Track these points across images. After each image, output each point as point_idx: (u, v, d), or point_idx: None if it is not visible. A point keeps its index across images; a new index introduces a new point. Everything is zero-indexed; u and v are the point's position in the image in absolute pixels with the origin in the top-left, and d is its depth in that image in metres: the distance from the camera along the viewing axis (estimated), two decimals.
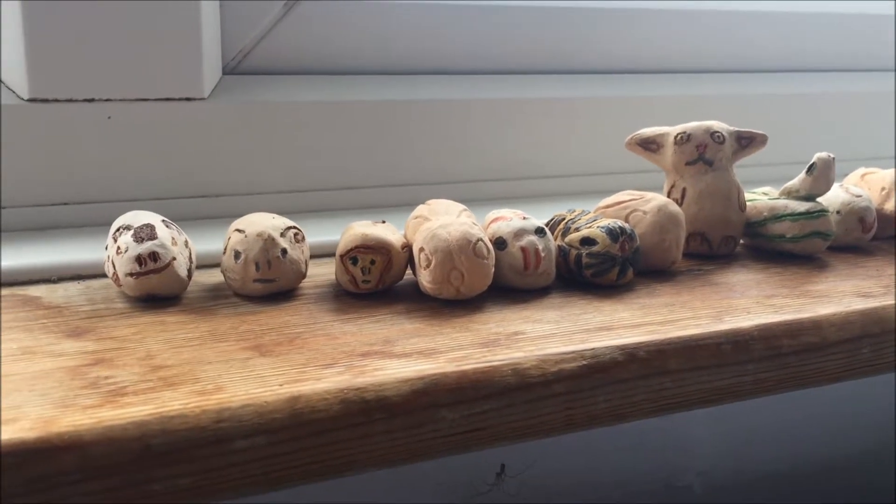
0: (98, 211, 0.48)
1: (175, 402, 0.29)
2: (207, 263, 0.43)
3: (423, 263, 0.39)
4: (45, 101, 0.46)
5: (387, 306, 0.39)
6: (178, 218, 0.43)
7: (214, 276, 0.43)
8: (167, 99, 0.49)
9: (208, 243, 0.44)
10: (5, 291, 0.40)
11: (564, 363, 0.33)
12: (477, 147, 0.56)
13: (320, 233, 0.47)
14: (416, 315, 0.38)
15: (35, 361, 0.32)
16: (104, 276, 0.41)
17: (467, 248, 0.38)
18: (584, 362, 0.33)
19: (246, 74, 0.53)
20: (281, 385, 0.30)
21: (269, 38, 0.53)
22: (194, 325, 0.36)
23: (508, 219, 0.42)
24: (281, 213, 0.46)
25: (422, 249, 0.39)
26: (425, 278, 0.39)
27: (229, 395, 0.29)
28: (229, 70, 0.52)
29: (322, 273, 0.43)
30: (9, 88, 0.46)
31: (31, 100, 0.46)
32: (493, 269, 0.39)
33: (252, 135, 0.51)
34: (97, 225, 0.48)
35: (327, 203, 0.53)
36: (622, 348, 0.34)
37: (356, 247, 0.39)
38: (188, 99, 0.49)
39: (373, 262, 0.40)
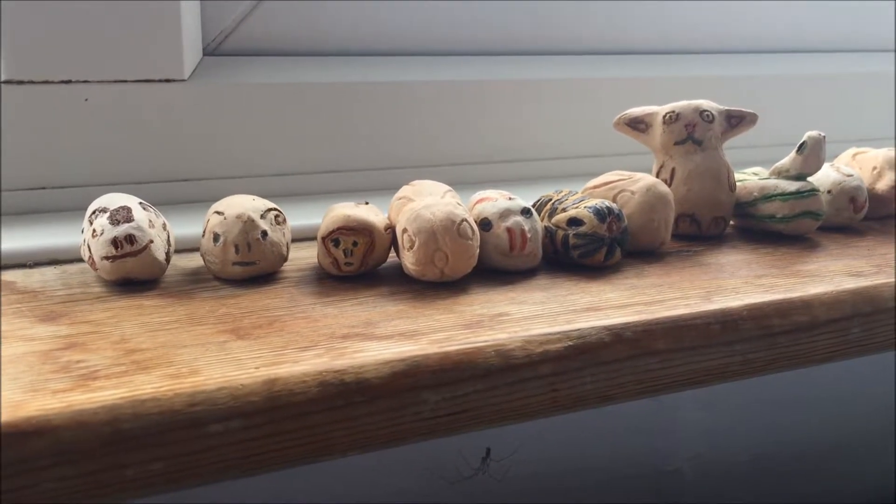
0: (76, 195, 0.47)
1: (148, 386, 0.28)
2: (187, 248, 0.42)
3: (407, 244, 0.38)
4: (21, 82, 0.45)
5: (369, 289, 0.38)
6: (157, 202, 0.42)
7: (194, 261, 0.42)
8: (146, 80, 0.48)
9: (188, 227, 0.43)
10: None
11: (549, 344, 0.32)
12: (462, 129, 0.56)
13: (302, 216, 0.46)
14: (399, 297, 0.37)
15: (6, 346, 0.31)
16: (81, 260, 0.41)
17: (451, 228, 0.38)
18: (570, 343, 0.32)
19: (227, 56, 0.52)
20: (258, 368, 0.29)
21: (250, 19, 0.52)
22: (171, 308, 0.35)
23: (494, 199, 0.41)
24: (262, 196, 0.46)
25: (405, 230, 0.38)
26: (409, 260, 0.38)
27: (204, 378, 0.28)
28: (210, 51, 0.51)
29: (303, 257, 0.42)
30: None
31: (6, 81, 0.45)
32: (477, 251, 0.39)
33: (233, 117, 0.50)
34: (75, 210, 0.47)
35: (309, 186, 0.52)
36: (609, 329, 0.33)
37: (338, 228, 0.39)
38: (168, 80, 0.48)
39: (355, 244, 0.39)
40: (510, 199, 0.41)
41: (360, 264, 0.39)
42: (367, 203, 0.41)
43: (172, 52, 0.48)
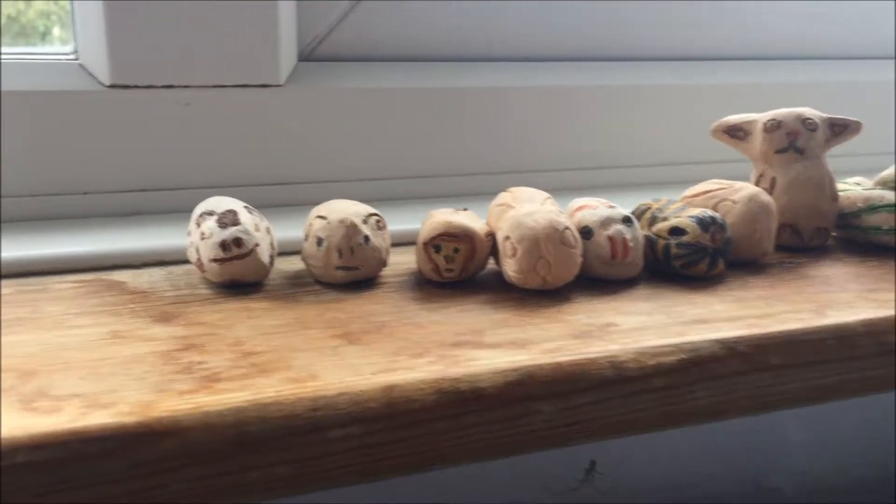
0: (177, 197, 0.48)
1: (270, 390, 0.28)
2: (286, 251, 0.43)
3: (509, 252, 0.38)
4: (126, 87, 0.46)
5: (471, 296, 0.38)
6: (255, 204, 0.43)
7: (294, 264, 0.42)
8: (244, 85, 0.48)
9: (286, 230, 0.43)
10: (89, 276, 0.40)
11: (662, 356, 0.32)
12: (557, 135, 0.55)
13: (398, 220, 0.46)
14: (502, 305, 0.37)
15: (126, 345, 0.32)
16: (186, 262, 0.41)
17: (554, 236, 0.37)
18: (683, 356, 0.32)
19: (321, 61, 0.52)
20: (374, 374, 0.29)
21: (344, 24, 0.52)
22: (279, 312, 0.36)
23: (594, 207, 0.41)
24: (358, 200, 0.46)
25: (507, 238, 0.38)
26: (511, 267, 0.38)
27: (323, 383, 0.29)
28: (304, 56, 0.52)
29: (401, 262, 0.43)
30: (90, 74, 0.46)
31: (111, 86, 0.46)
32: (580, 259, 0.38)
33: (328, 121, 0.50)
34: (176, 211, 0.48)
35: (404, 191, 0.52)
36: (721, 342, 0.33)
37: (439, 234, 0.39)
38: (264, 85, 0.49)
39: (456, 251, 0.39)
40: (611, 207, 0.41)
41: (460, 271, 0.39)
42: (465, 209, 0.42)
43: (269, 57, 0.48)
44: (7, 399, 0.27)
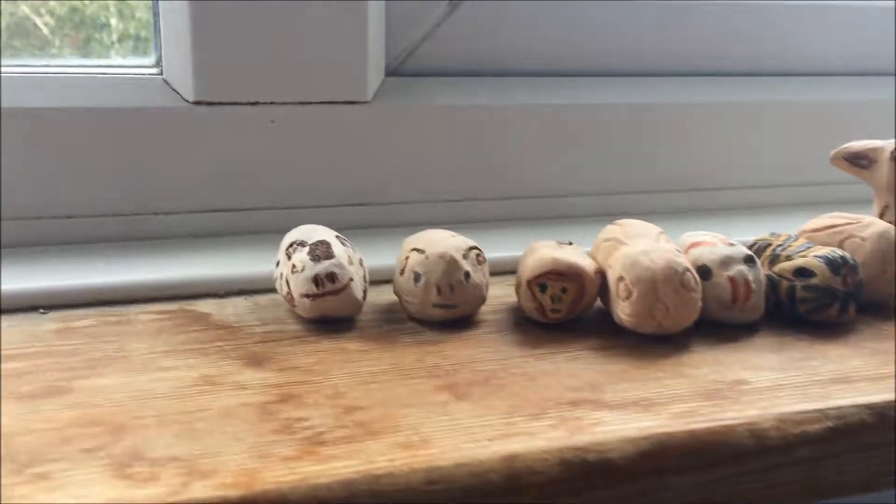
0: (260, 219, 0.46)
1: (381, 458, 0.26)
2: (374, 279, 0.40)
3: (623, 294, 0.35)
4: (210, 103, 0.44)
5: (579, 340, 0.35)
6: (340, 227, 0.40)
7: (383, 295, 0.40)
8: (330, 102, 0.46)
9: (375, 257, 0.41)
10: (172, 306, 0.38)
11: (807, 424, 0.29)
12: (658, 155, 0.52)
13: (493, 248, 0.43)
14: (615, 353, 0.34)
15: (220, 395, 0.30)
16: (271, 290, 0.39)
17: (674, 278, 0.34)
18: (829, 424, 0.29)
19: (409, 76, 0.50)
20: (491, 440, 0.27)
21: (433, 38, 0.50)
22: (376, 355, 0.34)
23: (712, 244, 0.38)
24: (447, 224, 0.44)
25: (621, 278, 0.35)
26: (624, 310, 0.35)
27: (438, 451, 0.26)
28: (392, 71, 0.49)
29: (497, 295, 0.40)
30: (173, 90, 0.45)
31: (195, 102, 0.44)
32: (700, 303, 0.35)
33: (417, 140, 0.48)
34: (259, 233, 0.46)
35: (498, 214, 0.49)
36: (870, 407, 0.30)
37: (546, 272, 0.36)
38: (351, 102, 0.46)
39: (564, 290, 0.36)
40: (731, 244, 0.38)
41: (567, 312, 0.36)
42: (570, 243, 0.39)
43: (356, 73, 0.46)
44: (100, 462, 0.25)
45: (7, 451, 0.26)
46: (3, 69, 0.43)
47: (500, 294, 0.40)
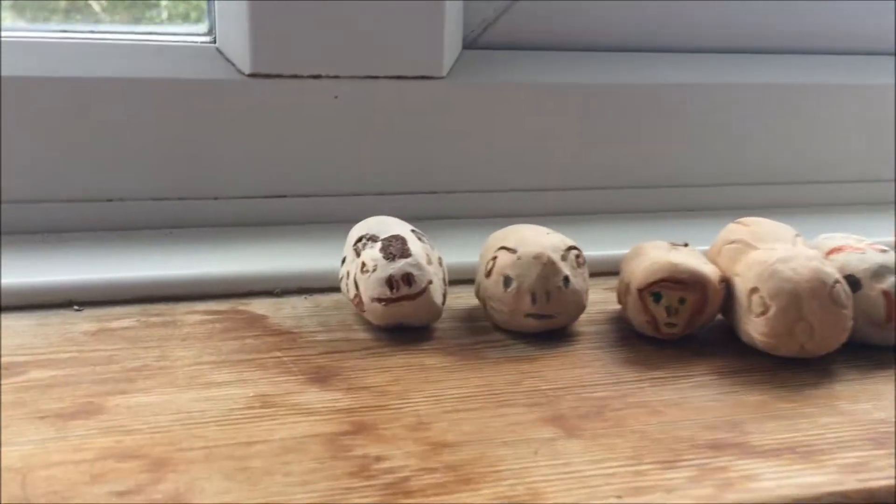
0: (320, 206, 0.41)
1: None
2: (452, 279, 0.35)
3: (757, 308, 0.29)
4: (268, 76, 0.39)
5: (700, 360, 0.30)
6: (410, 217, 0.35)
7: (460, 298, 0.35)
8: (401, 77, 0.41)
9: (450, 254, 0.35)
10: (223, 305, 0.33)
11: None
12: (754, 140, 0.46)
13: (583, 245, 0.38)
14: (748, 379, 0.28)
15: (280, 421, 0.25)
16: (334, 289, 0.34)
17: (821, 291, 0.28)
18: None
19: (490, 49, 0.44)
20: (620, 498, 0.21)
21: (513, 9, 0.44)
22: (462, 374, 0.28)
23: (859, 249, 0.32)
24: (532, 217, 0.38)
25: (755, 290, 0.29)
26: (758, 328, 0.29)
27: None
28: (469, 43, 0.44)
29: (591, 301, 0.34)
30: (228, 61, 0.40)
31: (252, 74, 0.39)
32: (851, 322, 0.29)
33: (497, 120, 0.42)
34: (319, 222, 0.41)
35: (583, 205, 0.44)
36: None
37: (662, 279, 0.30)
38: (424, 77, 0.41)
39: (682, 301, 0.30)
40: (883, 250, 0.32)
41: (685, 327, 0.31)
42: (685, 244, 0.33)
43: (432, 46, 0.40)
44: None
45: (23, 492, 0.21)
46: (44, 33, 0.38)
47: (596, 300, 0.35)
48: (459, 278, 0.35)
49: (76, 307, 0.32)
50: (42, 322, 0.31)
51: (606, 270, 0.37)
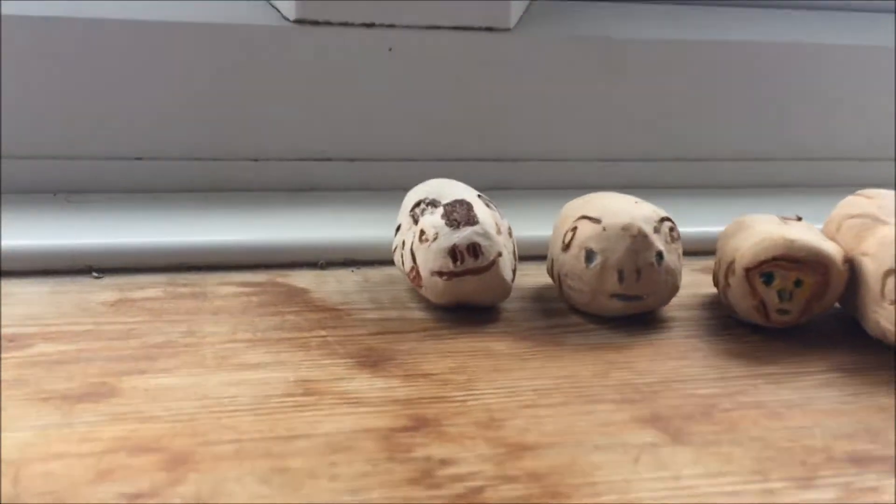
0: (370, 171, 0.37)
1: None
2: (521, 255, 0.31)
3: (892, 295, 0.24)
4: (315, 23, 0.35)
5: (818, 354, 0.25)
6: (475, 185, 0.31)
7: (528, 275, 0.30)
8: (463, 28, 0.36)
9: (515, 225, 0.31)
10: (260, 276, 0.30)
11: None
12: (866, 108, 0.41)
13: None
14: (879, 378, 0.24)
15: (325, 411, 0.21)
16: (387, 262, 0.30)
17: None
18: None
19: (562, 0, 0.39)
20: None
21: None
22: (537, 363, 0.24)
23: None
24: (603, 187, 0.34)
25: (891, 272, 0.25)
26: (889, 318, 0.25)
27: None
28: None
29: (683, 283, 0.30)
30: (271, 5, 0.36)
31: (297, 21, 0.35)
32: None
33: (569, 79, 0.38)
34: (369, 189, 0.37)
35: (659, 178, 0.39)
36: None
37: (776, 258, 0.26)
38: (489, 29, 0.37)
39: (798, 284, 0.26)
40: None
41: (800, 314, 0.26)
42: (799, 218, 0.28)
43: None
44: None
45: (14, 490, 0.17)
46: None
47: (685, 282, 0.30)
48: (526, 254, 0.31)
49: (95, 274, 0.29)
50: (56, 290, 0.27)
51: (696, 249, 0.32)
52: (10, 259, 0.28)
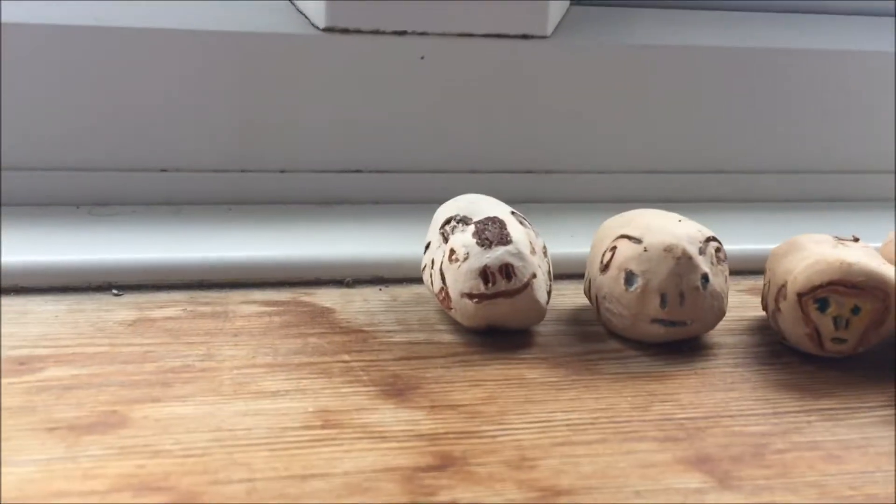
0: (400, 184, 0.36)
1: None
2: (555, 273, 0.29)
3: None
4: (345, 31, 0.34)
5: (876, 387, 0.23)
6: (504, 200, 0.29)
7: (563, 295, 0.29)
8: (498, 35, 0.35)
9: (550, 242, 0.29)
10: (283, 295, 0.28)
11: None
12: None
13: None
14: None
15: (345, 446, 0.19)
16: (415, 280, 0.29)
17: None
18: None
19: (601, 5, 0.38)
20: None
21: None
22: (573, 394, 0.23)
23: None
24: (644, 201, 0.32)
25: None
26: None
27: None
28: None
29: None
30: (300, 13, 0.34)
31: (327, 29, 0.34)
32: None
33: (610, 88, 0.36)
34: (398, 202, 0.35)
35: (703, 191, 0.37)
36: None
37: (831, 282, 0.24)
38: (525, 36, 0.35)
39: (855, 311, 0.24)
40: None
41: (857, 343, 0.24)
42: (855, 239, 0.26)
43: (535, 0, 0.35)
44: None
45: None
46: None
47: (732, 304, 0.28)
48: (562, 273, 0.29)
49: (115, 291, 0.28)
50: (74, 308, 0.26)
51: (741, 268, 0.30)
52: (28, 275, 0.28)
